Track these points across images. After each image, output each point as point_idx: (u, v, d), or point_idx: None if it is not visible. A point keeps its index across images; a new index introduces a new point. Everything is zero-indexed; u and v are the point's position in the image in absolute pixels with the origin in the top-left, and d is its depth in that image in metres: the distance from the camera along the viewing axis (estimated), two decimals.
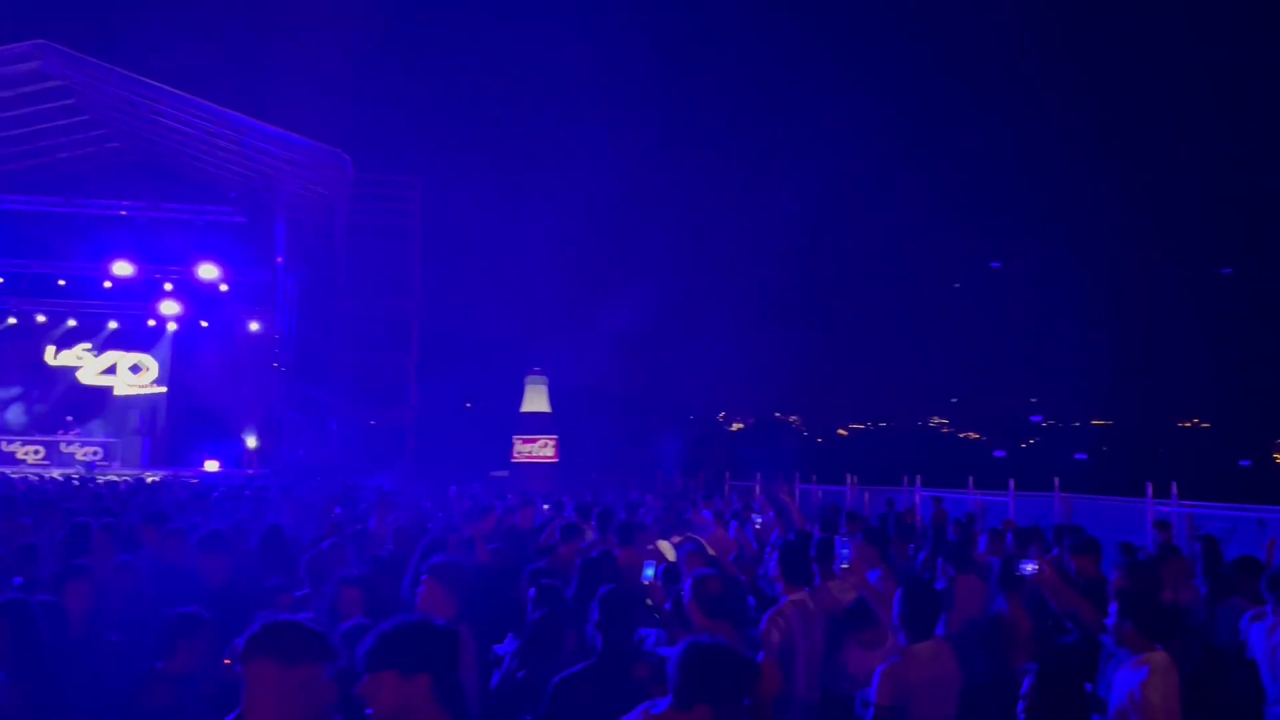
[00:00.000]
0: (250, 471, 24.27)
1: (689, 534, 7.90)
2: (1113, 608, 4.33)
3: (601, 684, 4.01)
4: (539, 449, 26.65)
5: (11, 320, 28.05)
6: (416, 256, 26.66)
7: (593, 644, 4.30)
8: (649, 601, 5.44)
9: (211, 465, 25.31)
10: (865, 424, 76.48)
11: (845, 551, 5.34)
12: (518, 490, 17.35)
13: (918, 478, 18.63)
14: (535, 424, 26.82)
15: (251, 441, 26.78)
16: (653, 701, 3.07)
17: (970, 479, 17.36)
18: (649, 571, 5.65)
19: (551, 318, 31.16)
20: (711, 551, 6.74)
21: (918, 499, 17.37)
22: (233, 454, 26.93)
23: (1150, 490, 13.11)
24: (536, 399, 27.23)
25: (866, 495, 20.40)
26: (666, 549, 7.13)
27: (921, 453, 38.56)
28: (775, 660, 4.60)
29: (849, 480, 20.80)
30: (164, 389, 29.11)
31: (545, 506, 12.44)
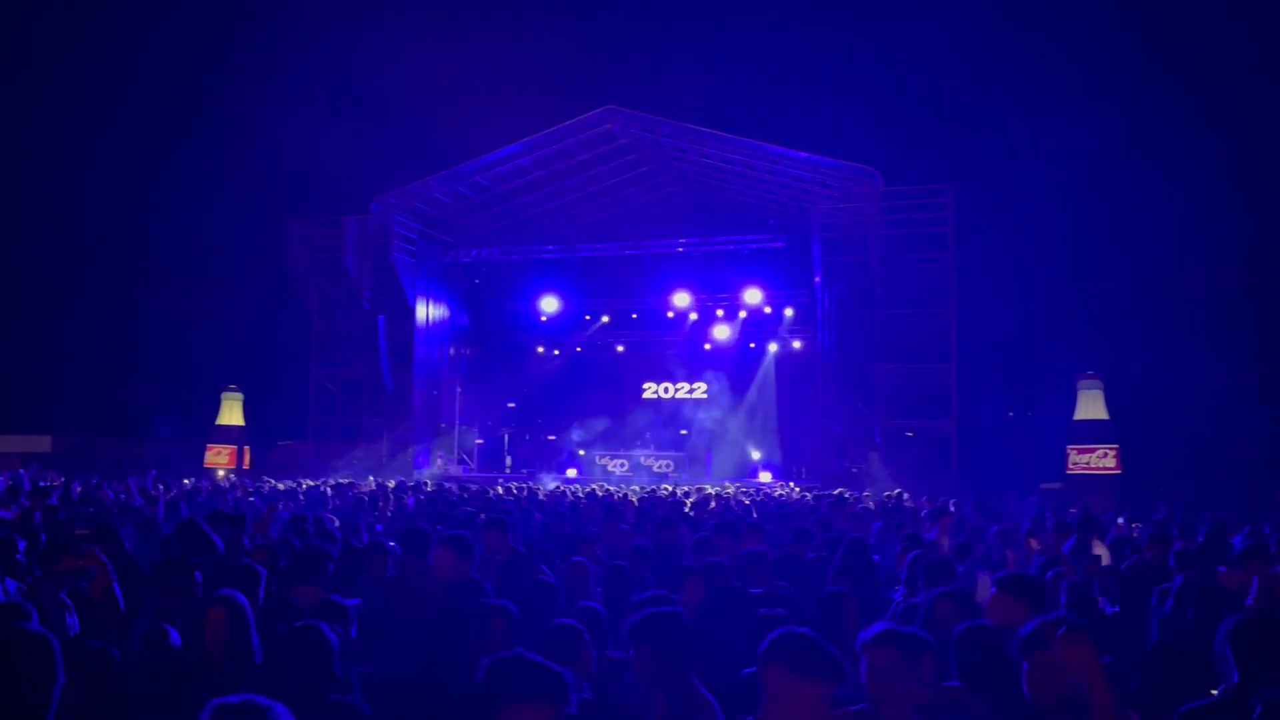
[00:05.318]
0: (793, 483, 25.42)
1: None
2: None
3: None
4: (1097, 459, 24.52)
5: (620, 349, 32.73)
6: (951, 264, 26.05)
7: (1222, 677, 3.86)
8: None
9: (765, 476, 27.00)
10: None
11: None
12: (1080, 506, 16.11)
13: None
14: (1092, 432, 24.74)
15: (755, 454, 28.24)
16: None
17: None
18: None
19: (1106, 316, 28.46)
20: None
21: None
22: (781, 467, 28.55)
23: None
24: (1091, 405, 25.13)
25: None
26: None
27: None
28: None
29: None
30: (721, 407, 31.81)
31: (1120, 521, 11.42)
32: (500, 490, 17.41)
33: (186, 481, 18.69)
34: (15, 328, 34.04)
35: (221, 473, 27.26)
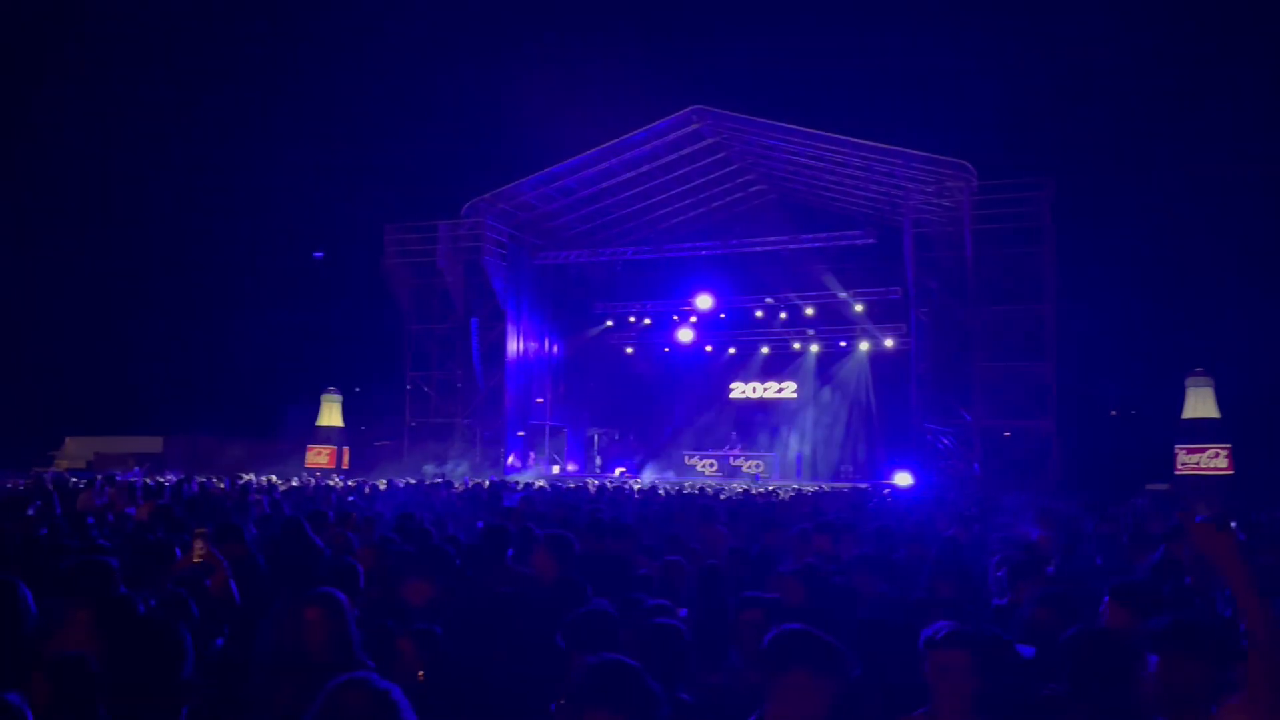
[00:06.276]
0: (887, 482, 24.96)
1: None
2: None
3: None
4: (1208, 459, 23.56)
5: (708, 348, 32.64)
6: (1049, 259, 25.25)
7: None
8: None
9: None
10: None
11: None
12: (1183, 508, 15.49)
13: None
14: (1202, 431, 23.77)
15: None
16: None
17: None
18: None
19: (1217, 311, 27.34)
20: None
21: None
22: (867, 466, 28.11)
23: None
24: (1201, 403, 24.15)
25: None
26: None
27: None
28: None
29: None
30: (811, 407, 31.52)
31: (1233, 525, 10.94)
32: (592, 488, 17.53)
33: (289, 483, 19.26)
34: (128, 334, 35.61)
35: (319, 472, 28.03)
